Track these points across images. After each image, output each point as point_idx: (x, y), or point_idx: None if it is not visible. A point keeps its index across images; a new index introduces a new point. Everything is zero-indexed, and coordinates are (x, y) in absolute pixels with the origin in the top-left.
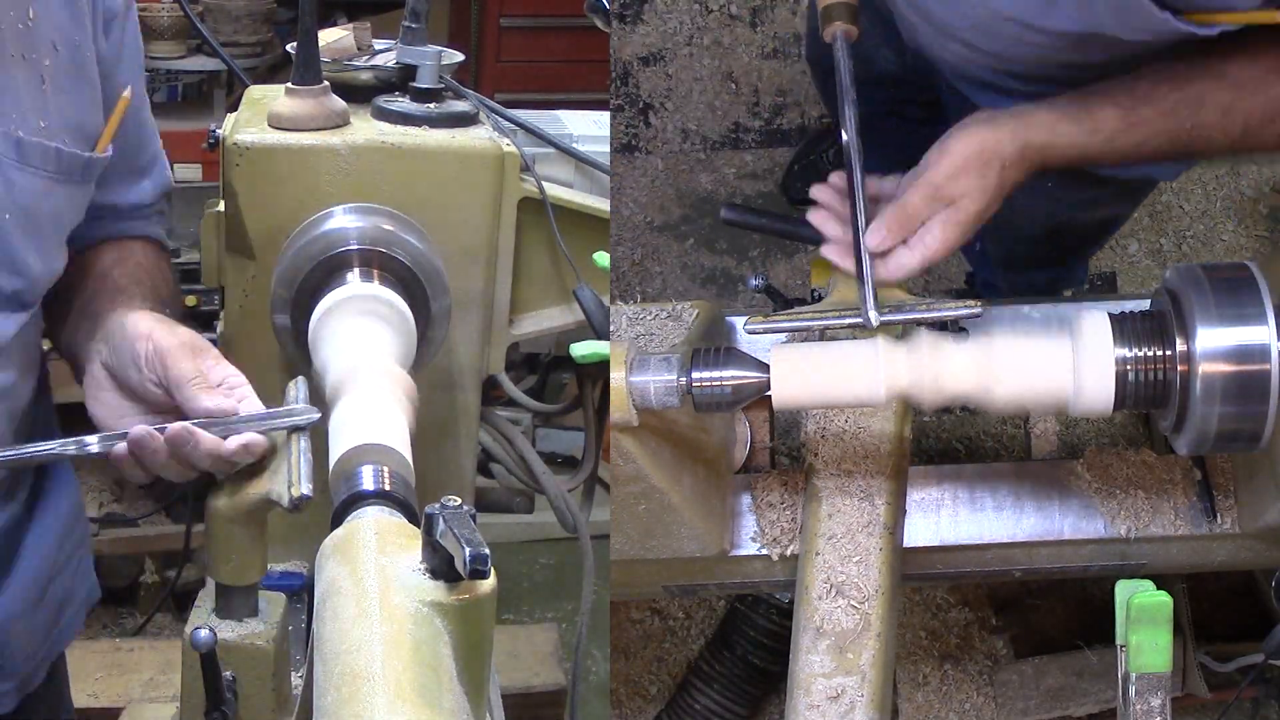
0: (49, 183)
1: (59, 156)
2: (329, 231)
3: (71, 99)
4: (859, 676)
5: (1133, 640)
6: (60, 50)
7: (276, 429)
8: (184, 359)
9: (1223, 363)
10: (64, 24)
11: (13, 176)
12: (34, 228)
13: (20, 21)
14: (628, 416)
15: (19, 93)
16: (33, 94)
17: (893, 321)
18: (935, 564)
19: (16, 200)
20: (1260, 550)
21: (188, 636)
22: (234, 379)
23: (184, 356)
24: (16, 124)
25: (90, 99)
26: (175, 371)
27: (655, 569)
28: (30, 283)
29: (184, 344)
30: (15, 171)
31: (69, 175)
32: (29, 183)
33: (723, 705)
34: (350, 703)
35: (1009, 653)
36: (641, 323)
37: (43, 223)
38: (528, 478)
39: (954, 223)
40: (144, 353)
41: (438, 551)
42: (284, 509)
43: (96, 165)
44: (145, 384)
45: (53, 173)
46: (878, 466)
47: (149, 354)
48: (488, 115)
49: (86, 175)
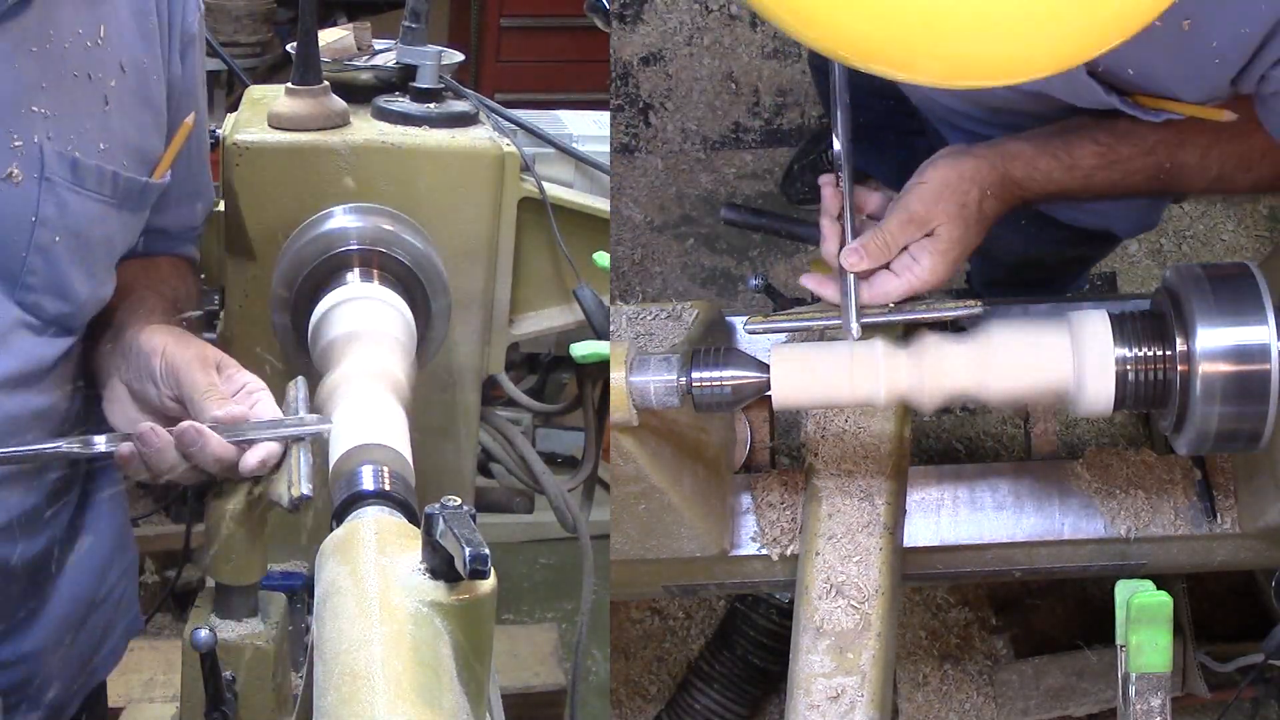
0: (104, 207)
1: (115, 181)
2: (329, 231)
3: (134, 122)
4: (859, 676)
5: (1133, 640)
6: (127, 72)
7: (287, 438)
8: (197, 371)
9: (1223, 362)
10: (134, 45)
11: (66, 199)
12: (85, 252)
13: (89, 39)
14: (628, 416)
15: (79, 113)
16: (94, 115)
17: (892, 321)
18: (935, 564)
19: (69, 224)
20: (1260, 550)
21: (188, 636)
22: (253, 384)
23: (197, 369)
24: (75, 145)
25: (153, 123)
26: (188, 385)
27: (655, 569)
28: (77, 308)
29: (197, 357)
30: (69, 194)
31: (125, 201)
32: (83, 206)
33: (723, 705)
34: (350, 703)
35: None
36: (641, 323)
37: (94, 247)
38: (528, 478)
39: (939, 252)
40: (159, 369)
41: (438, 551)
42: (284, 509)
43: (153, 191)
44: (163, 399)
45: (108, 197)
46: (878, 466)
47: (163, 370)
48: (488, 115)
49: (143, 201)
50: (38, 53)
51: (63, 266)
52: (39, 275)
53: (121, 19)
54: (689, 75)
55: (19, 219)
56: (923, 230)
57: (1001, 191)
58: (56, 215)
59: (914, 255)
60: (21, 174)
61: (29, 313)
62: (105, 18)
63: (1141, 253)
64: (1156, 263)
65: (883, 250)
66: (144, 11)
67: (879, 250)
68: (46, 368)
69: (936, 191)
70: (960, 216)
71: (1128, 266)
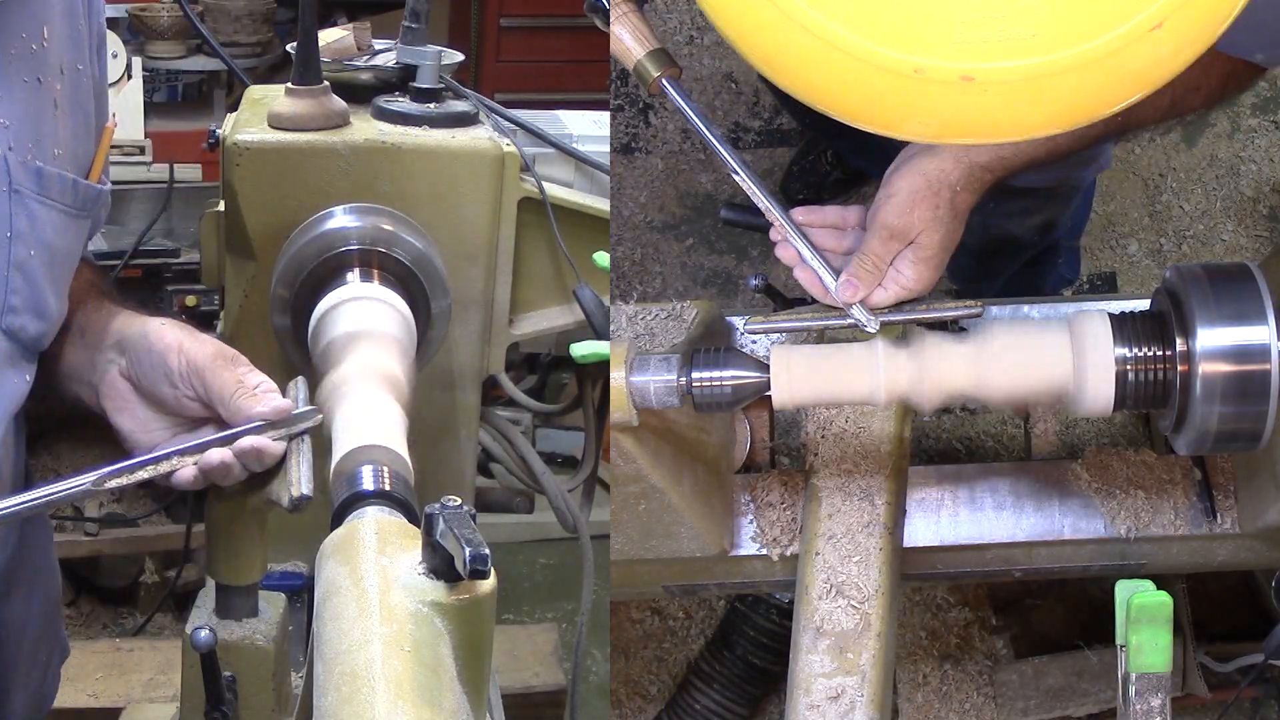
0: (66, 217)
1: (75, 188)
2: (329, 231)
3: (72, 126)
4: (859, 676)
5: (1133, 640)
6: (65, 74)
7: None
8: (223, 370)
9: (1223, 362)
10: (68, 46)
11: (35, 210)
12: (55, 266)
13: (34, 42)
14: (628, 416)
15: (35, 120)
16: (47, 121)
17: (892, 321)
18: (935, 564)
19: (40, 236)
20: (1260, 550)
21: (188, 636)
22: (265, 384)
23: (222, 368)
24: (33, 153)
25: (84, 125)
26: (217, 385)
27: (655, 569)
28: (50, 326)
29: (218, 354)
30: (37, 205)
31: (83, 208)
32: (49, 217)
33: (723, 705)
34: (350, 703)
35: (1009, 653)
36: (641, 323)
37: (61, 259)
38: (528, 478)
39: (921, 259)
40: (177, 368)
41: (438, 551)
42: (284, 509)
43: (105, 197)
44: (181, 399)
45: (69, 206)
46: (878, 466)
47: (182, 369)
48: (488, 115)
49: (96, 207)
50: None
51: (40, 282)
52: (20, 295)
53: (56, 21)
54: (689, 75)
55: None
56: (904, 242)
57: (970, 183)
58: (28, 228)
59: (898, 267)
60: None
61: (13, 339)
62: (45, 19)
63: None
64: (1156, 263)
65: (874, 273)
66: (73, 13)
67: (870, 275)
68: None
69: (908, 201)
70: (936, 220)
71: (1128, 266)
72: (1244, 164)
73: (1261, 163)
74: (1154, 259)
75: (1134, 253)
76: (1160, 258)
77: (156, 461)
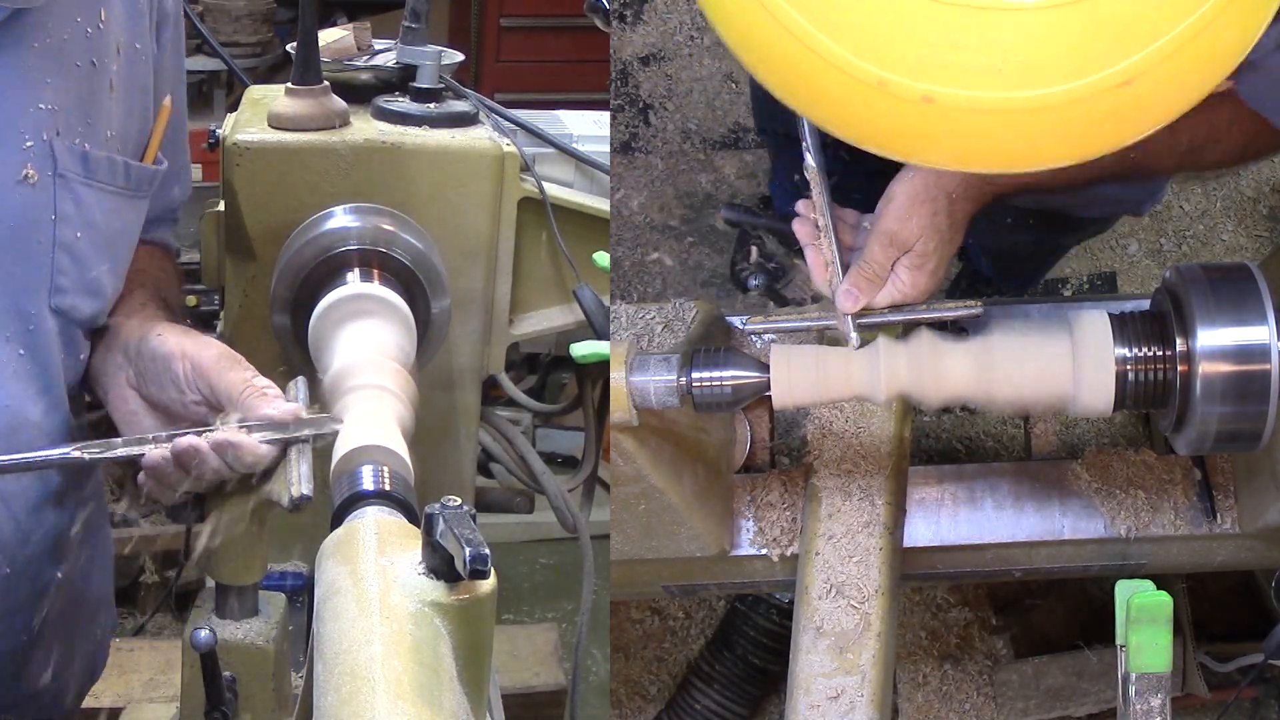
0: (118, 199)
1: (127, 170)
2: (329, 231)
3: (130, 106)
4: (859, 676)
5: (1133, 640)
6: (122, 53)
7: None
8: (229, 372)
9: (1223, 362)
10: (127, 26)
11: (81, 194)
12: (107, 245)
13: (89, 25)
14: (628, 416)
15: (85, 104)
16: (100, 104)
17: (892, 322)
18: (935, 564)
19: (87, 218)
20: (1260, 550)
21: (188, 636)
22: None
23: (228, 368)
24: (83, 137)
25: (141, 106)
26: (225, 386)
27: (655, 569)
28: (105, 304)
29: (223, 355)
30: (83, 188)
31: (137, 189)
32: (98, 200)
33: (723, 705)
34: (350, 703)
35: (1009, 653)
36: (641, 322)
37: (114, 240)
38: (528, 478)
39: (918, 267)
40: (182, 373)
41: (438, 551)
42: (284, 509)
43: (158, 177)
44: (187, 404)
45: (121, 187)
46: (878, 466)
47: (188, 373)
48: (488, 115)
49: (151, 188)
50: (39, 48)
51: (88, 261)
52: (69, 276)
53: (115, 2)
54: (689, 75)
55: (40, 220)
56: (903, 249)
57: (969, 192)
58: (75, 211)
59: (896, 273)
60: (36, 174)
61: (65, 316)
62: (104, 2)
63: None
64: (1156, 263)
65: (874, 281)
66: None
67: (869, 283)
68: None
69: (907, 207)
70: (934, 226)
71: (1128, 266)
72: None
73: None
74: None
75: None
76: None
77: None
